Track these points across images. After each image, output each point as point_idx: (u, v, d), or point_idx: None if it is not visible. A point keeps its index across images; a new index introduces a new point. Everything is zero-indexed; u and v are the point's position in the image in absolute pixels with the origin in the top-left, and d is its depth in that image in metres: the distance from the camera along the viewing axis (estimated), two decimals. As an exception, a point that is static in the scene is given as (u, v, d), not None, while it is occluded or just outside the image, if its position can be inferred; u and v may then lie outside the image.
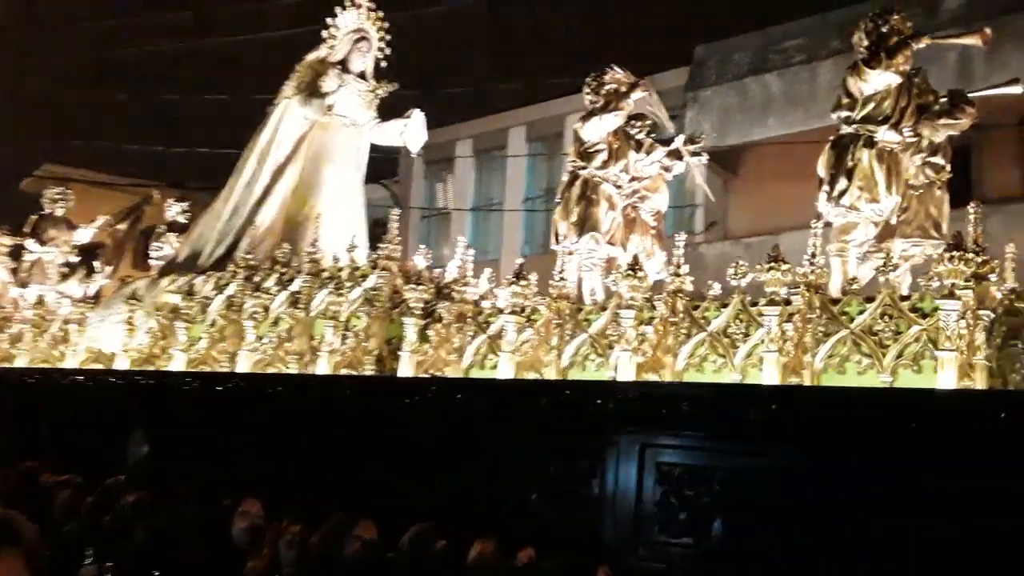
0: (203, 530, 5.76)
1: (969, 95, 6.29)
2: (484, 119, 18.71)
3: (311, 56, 9.53)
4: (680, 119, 15.86)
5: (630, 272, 5.90)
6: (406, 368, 6.68)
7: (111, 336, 8.92)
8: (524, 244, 18.05)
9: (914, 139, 6.06)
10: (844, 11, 14.10)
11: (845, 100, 6.09)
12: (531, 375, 6.25)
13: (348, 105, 9.41)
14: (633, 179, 7.38)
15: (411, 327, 6.76)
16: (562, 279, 6.57)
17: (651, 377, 5.72)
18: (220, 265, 8.95)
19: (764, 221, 13.94)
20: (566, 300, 6.48)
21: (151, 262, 10.95)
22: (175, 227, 11.39)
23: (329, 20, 9.47)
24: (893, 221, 5.99)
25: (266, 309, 7.93)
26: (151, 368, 8.50)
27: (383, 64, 9.78)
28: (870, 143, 5.91)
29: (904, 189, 6.03)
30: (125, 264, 11.48)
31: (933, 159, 6.23)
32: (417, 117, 9.42)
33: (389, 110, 9.71)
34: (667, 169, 7.60)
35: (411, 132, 9.47)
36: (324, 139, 9.37)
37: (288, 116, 9.36)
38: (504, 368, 6.19)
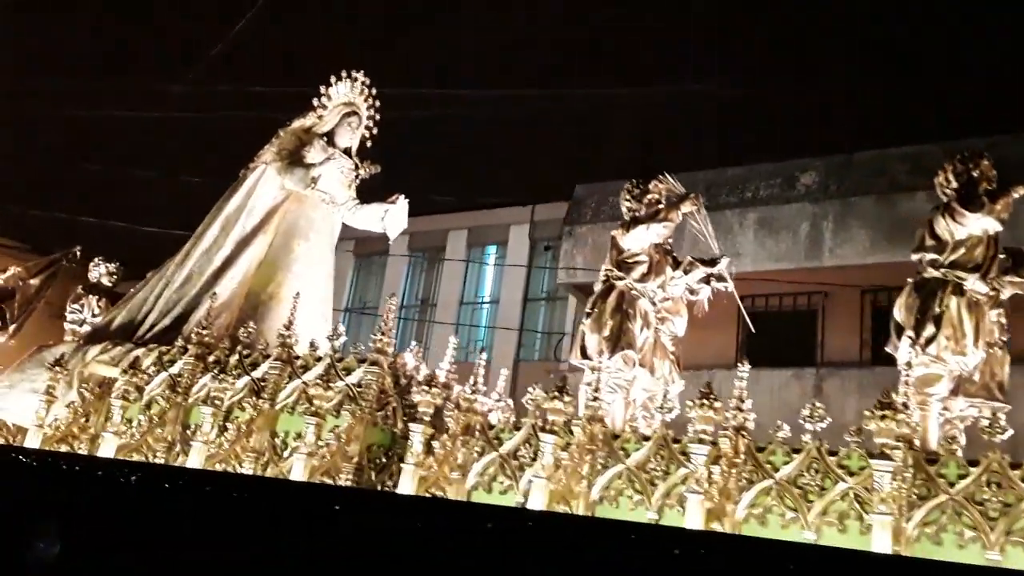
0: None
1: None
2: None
3: (296, 123, 8.66)
4: (556, 249, 16.38)
5: (704, 401, 5.16)
6: (407, 484, 5.70)
7: (21, 407, 7.57)
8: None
9: (994, 293, 5.65)
10: (710, 172, 15.01)
11: (930, 242, 5.66)
12: (561, 508, 5.37)
13: (329, 181, 8.54)
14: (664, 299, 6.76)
15: (418, 436, 5.81)
16: (596, 399, 5.79)
17: (715, 526, 4.95)
18: (164, 338, 7.78)
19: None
20: (601, 424, 5.70)
21: (66, 326, 9.67)
22: (97, 289, 10.14)
23: (322, 88, 8.68)
24: (976, 377, 5.49)
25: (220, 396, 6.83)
26: (65, 448, 7.21)
27: (368, 144, 9.06)
28: (959, 291, 5.46)
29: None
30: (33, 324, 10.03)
31: (1002, 317, 5.87)
32: (401, 203, 8.64)
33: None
34: (692, 292, 7.02)
35: (392, 218, 8.68)
36: (299, 213, 8.43)
37: (264, 183, 8.38)
38: (537, 496, 5.29)
